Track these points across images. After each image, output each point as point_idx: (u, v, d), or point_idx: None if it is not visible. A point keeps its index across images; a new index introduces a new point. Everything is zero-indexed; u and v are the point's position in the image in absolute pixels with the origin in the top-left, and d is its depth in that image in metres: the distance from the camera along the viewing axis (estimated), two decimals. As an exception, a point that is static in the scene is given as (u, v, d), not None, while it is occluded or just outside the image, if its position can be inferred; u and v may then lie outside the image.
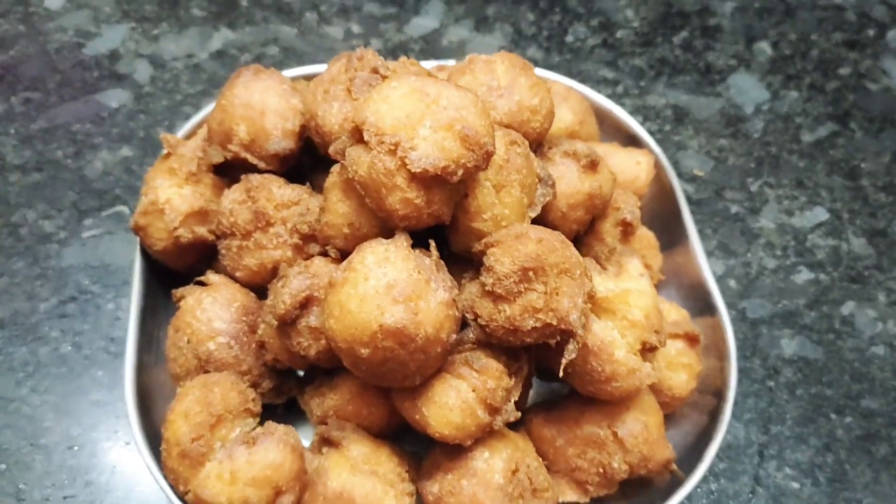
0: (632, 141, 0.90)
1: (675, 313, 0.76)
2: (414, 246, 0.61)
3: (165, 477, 0.64)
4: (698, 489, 0.76)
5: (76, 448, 0.73)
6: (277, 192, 0.71)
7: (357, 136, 0.60)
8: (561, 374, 0.61)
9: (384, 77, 0.67)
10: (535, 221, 0.68)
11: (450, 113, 0.58)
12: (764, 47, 1.11)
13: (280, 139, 0.72)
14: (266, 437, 0.63)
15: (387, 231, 0.63)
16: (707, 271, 0.80)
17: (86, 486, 0.71)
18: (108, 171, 0.90)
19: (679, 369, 0.74)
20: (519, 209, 0.66)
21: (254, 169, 0.74)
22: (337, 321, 0.58)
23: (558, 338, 0.61)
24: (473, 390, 0.62)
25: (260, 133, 0.72)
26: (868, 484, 0.77)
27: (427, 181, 0.58)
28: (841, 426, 0.80)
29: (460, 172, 0.58)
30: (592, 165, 0.73)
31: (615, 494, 0.70)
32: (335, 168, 0.67)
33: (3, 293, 0.80)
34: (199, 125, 0.83)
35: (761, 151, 0.99)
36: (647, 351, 0.66)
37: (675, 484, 0.69)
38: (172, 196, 0.73)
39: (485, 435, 0.64)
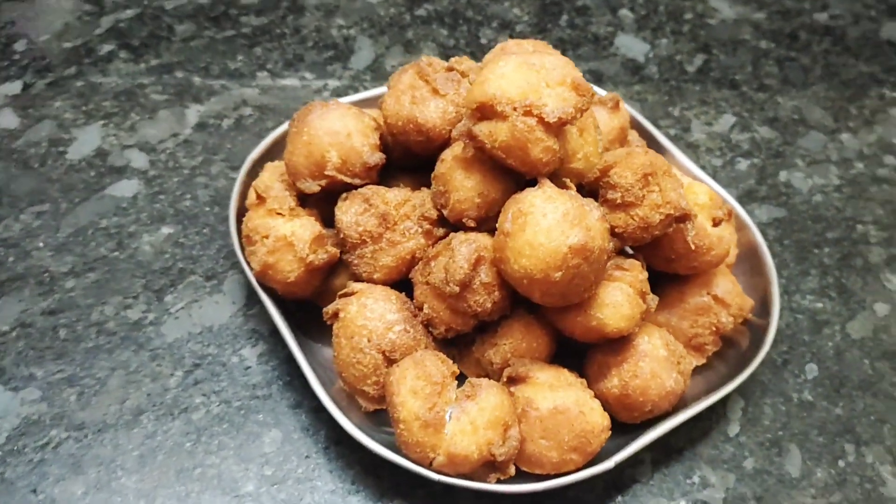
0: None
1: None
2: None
3: (408, 454, 0.71)
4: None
5: (277, 486, 0.76)
6: (389, 195, 0.80)
7: (480, 114, 0.72)
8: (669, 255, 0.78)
9: (462, 73, 0.79)
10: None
11: (558, 72, 0.72)
12: (626, 13, 1.35)
13: (371, 153, 0.81)
14: (481, 388, 0.72)
15: (512, 192, 0.75)
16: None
17: (309, 511, 0.75)
18: (160, 250, 0.92)
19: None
20: (597, 146, 0.81)
21: (345, 189, 0.82)
22: (529, 258, 0.69)
23: (674, 226, 0.77)
24: (630, 285, 0.76)
25: (350, 153, 0.80)
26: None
27: (558, 129, 0.71)
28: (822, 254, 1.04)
29: (580, 115, 0.72)
30: (616, 106, 0.90)
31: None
32: (446, 154, 0.78)
33: (128, 385, 0.80)
34: (250, 170, 0.89)
35: (666, 87, 1.23)
36: (717, 224, 0.84)
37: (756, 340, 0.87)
38: (295, 229, 0.79)
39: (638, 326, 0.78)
